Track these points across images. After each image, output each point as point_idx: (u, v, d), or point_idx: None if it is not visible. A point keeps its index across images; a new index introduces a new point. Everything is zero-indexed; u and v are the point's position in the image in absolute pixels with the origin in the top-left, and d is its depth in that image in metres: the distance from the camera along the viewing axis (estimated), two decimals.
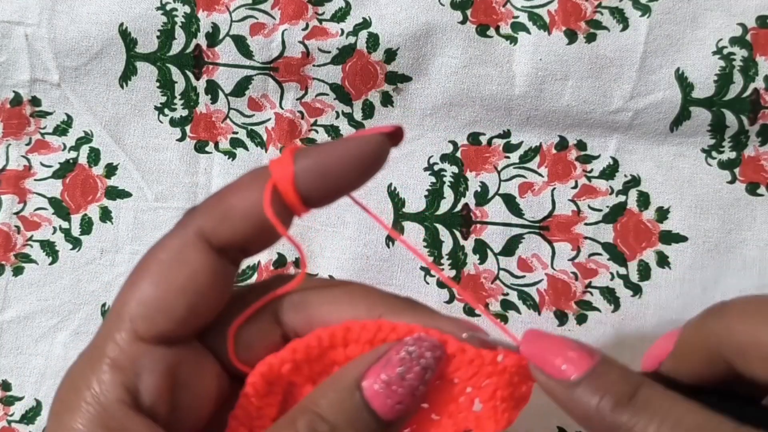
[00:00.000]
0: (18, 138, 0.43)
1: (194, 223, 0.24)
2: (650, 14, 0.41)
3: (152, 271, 0.23)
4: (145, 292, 0.23)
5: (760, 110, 0.40)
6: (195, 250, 0.23)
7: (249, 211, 0.23)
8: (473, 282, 0.42)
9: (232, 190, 0.24)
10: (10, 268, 0.43)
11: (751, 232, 0.41)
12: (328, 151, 0.24)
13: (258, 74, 0.42)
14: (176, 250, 0.23)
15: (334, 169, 0.23)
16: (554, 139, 0.42)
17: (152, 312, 0.23)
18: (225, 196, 0.24)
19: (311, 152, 0.24)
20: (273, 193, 0.23)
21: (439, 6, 0.41)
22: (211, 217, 0.23)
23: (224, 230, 0.23)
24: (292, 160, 0.23)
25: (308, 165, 0.23)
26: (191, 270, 0.23)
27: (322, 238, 0.42)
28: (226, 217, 0.23)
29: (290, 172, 0.23)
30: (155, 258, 0.24)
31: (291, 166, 0.23)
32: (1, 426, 0.42)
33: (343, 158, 0.23)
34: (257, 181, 0.23)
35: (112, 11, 0.42)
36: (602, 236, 0.42)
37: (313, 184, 0.23)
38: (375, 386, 0.23)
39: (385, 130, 0.24)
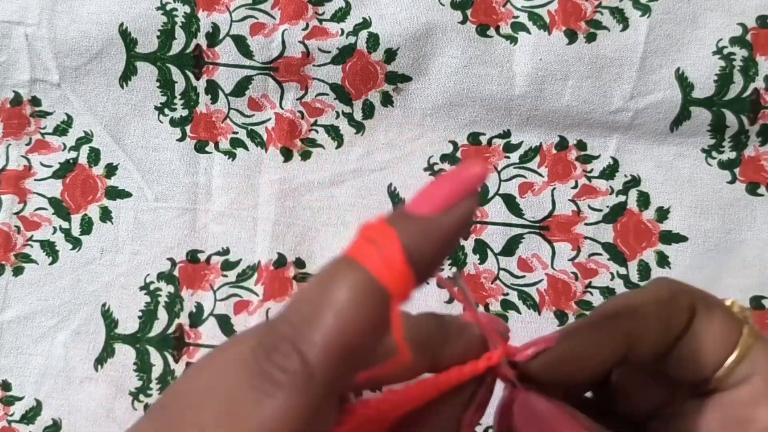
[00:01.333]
0: (18, 138, 0.43)
1: (318, 379, 0.18)
2: (650, 14, 0.41)
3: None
4: None
5: (760, 110, 0.40)
6: (330, 411, 0.20)
7: (375, 344, 0.19)
8: (473, 282, 0.42)
9: (344, 316, 0.18)
10: (10, 268, 0.43)
11: (751, 232, 0.41)
12: (435, 236, 0.19)
13: (258, 74, 0.42)
14: (306, 423, 0.18)
15: (443, 254, 0.20)
16: (554, 139, 0.42)
17: None
18: (342, 329, 0.18)
19: (420, 240, 0.19)
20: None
21: (439, 6, 0.41)
22: (340, 368, 0.18)
23: (353, 374, 0.19)
24: (405, 262, 0.18)
25: (421, 260, 0.19)
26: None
27: (323, 238, 0.42)
28: (354, 362, 0.19)
29: (411, 282, 0.19)
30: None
31: (409, 273, 0.18)
32: (1, 426, 0.42)
33: (453, 239, 0.20)
34: (372, 298, 0.18)
35: (112, 11, 0.42)
36: (602, 236, 0.42)
37: (425, 277, 0.19)
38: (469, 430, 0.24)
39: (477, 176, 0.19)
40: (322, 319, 0.18)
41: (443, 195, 0.19)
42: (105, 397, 0.41)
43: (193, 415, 0.19)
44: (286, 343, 0.18)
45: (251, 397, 0.18)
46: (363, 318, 0.18)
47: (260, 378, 0.18)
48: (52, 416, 0.42)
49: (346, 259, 0.19)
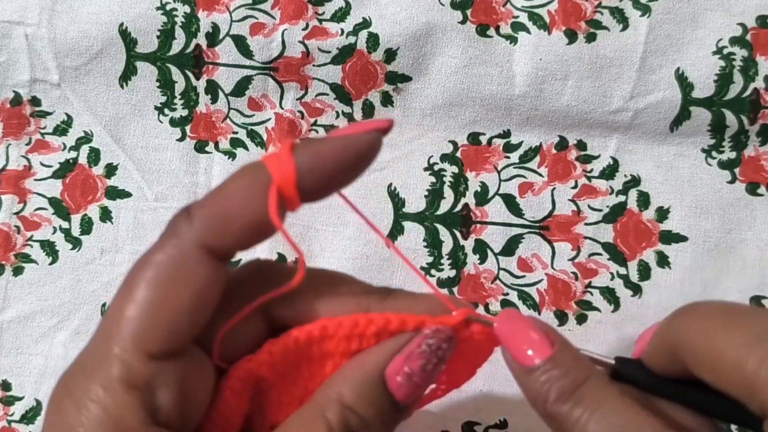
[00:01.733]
0: (18, 138, 0.43)
1: (193, 231, 0.23)
2: (650, 14, 0.41)
3: (154, 285, 0.22)
4: (150, 309, 0.22)
5: (760, 110, 0.40)
6: (198, 264, 0.22)
7: (252, 217, 0.22)
8: (473, 282, 0.42)
9: (229, 192, 0.23)
10: (10, 268, 0.43)
11: (751, 232, 0.41)
12: (326, 147, 0.23)
13: (258, 74, 0.42)
14: (178, 263, 0.22)
15: (332, 166, 0.23)
16: (554, 139, 0.42)
17: (160, 328, 0.22)
18: (223, 201, 0.23)
19: (309, 149, 0.23)
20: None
21: (439, 6, 0.41)
22: (211, 226, 0.23)
23: (227, 238, 0.23)
24: (292, 157, 0.23)
25: (307, 163, 0.23)
26: (196, 284, 0.22)
27: (323, 238, 0.42)
28: (227, 225, 0.22)
29: (291, 170, 0.22)
30: (156, 271, 0.23)
31: (292, 164, 0.22)
32: (1, 426, 0.42)
33: (341, 154, 0.23)
34: (256, 181, 0.23)
35: (112, 11, 0.42)
36: (602, 236, 0.42)
37: (312, 182, 0.23)
38: (398, 378, 0.24)
39: (380, 125, 0.24)
40: (212, 190, 0.23)
41: (348, 129, 0.24)
42: None
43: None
44: (185, 208, 0.23)
45: (155, 247, 0.23)
46: (240, 187, 0.23)
47: (163, 236, 0.23)
48: None
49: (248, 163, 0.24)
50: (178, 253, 0.22)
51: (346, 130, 0.24)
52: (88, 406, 0.21)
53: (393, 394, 0.24)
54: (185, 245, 0.23)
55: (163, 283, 0.22)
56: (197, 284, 0.22)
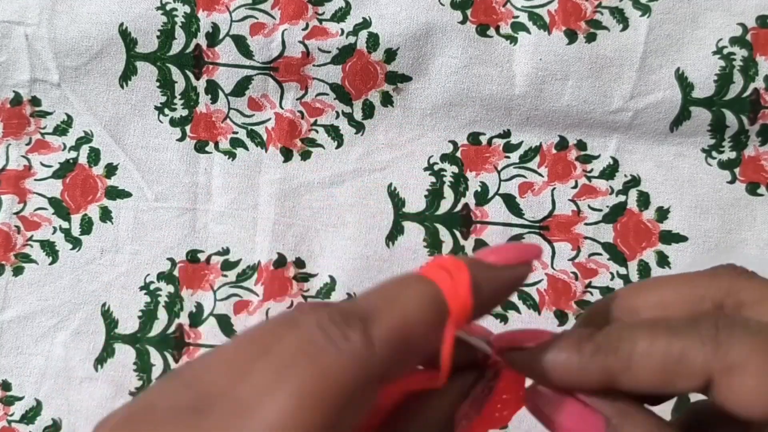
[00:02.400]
0: (18, 138, 0.43)
1: (376, 357, 0.19)
2: (650, 14, 0.41)
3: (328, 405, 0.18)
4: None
5: (760, 110, 0.40)
6: (374, 395, 0.19)
7: (426, 350, 0.20)
8: None
9: (408, 317, 0.20)
10: (10, 268, 0.43)
11: (751, 232, 0.41)
12: (497, 285, 0.22)
13: (258, 74, 0.42)
14: (356, 390, 0.18)
15: (496, 300, 0.23)
16: (554, 139, 0.42)
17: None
18: (405, 328, 0.20)
19: (486, 286, 0.21)
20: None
21: (439, 6, 0.41)
22: (397, 355, 0.19)
23: (398, 374, 0.20)
24: (471, 295, 0.21)
25: (482, 300, 0.21)
26: (363, 412, 0.19)
27: (323, 238, 0.42)
28: (408, 355, 0.20)
29: (469, 308, 0.21)
30: (333, 389, 0.18)
31: (470, 302, 0.21)
32: (1, 426, 0.42)
33: (509, 291, 0.23)
34: (436, 312, 0.20)
35: (112, 11, 0.42)
36: (602, 236, 0.42)
37: (476, 316, 0.22)
38: (463, 422, 0.24)
39: (535, 256, 0.23)
40: (391, 309, 0.20)
41: (509, 254, 0.23)
42: (105, 397, 0.41)
43: (226, 376, 0.19)
44: (354, 317, 0.19)
45: (310, 354, 0.18)
46: (424, 321, 0.20)
47: (322, 339, 0.18)
48: (52, 416, 0.42)
49: (418, 275, 0.21)
50: (359, 377, 0.18)
51: (507, 254, 0.23)
52: None
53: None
54: (368, 371, 0.19)
55: (337, 405, 0.18)
56: (364, 413, 0.19)
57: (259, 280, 0.42)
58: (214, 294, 0.42)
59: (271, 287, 0.42)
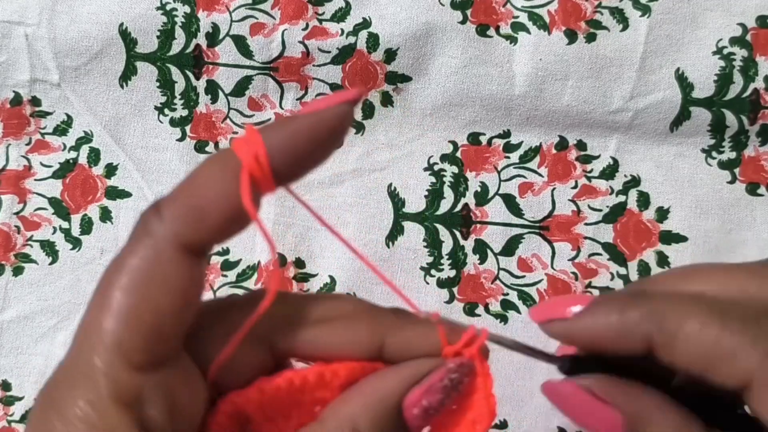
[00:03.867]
0: (18, 138, 0.43)
1: (165, 229, 0.21)
2: (650, 14, 0.41)
3: (131, 291, 0.21)
4: (130, 318, 0.20)
5: (760, 110, 0.40)
6: (175, 263, 0.21)
7: (226, 207, 0.21)
8: (473, 282, 0.42)
9: (199, 183, 0.21)
10: (10, 268, 0.43)
11: (751, 232, 0.41)
12: (295, 125, 0.22)
13: (258, 74, 0.42)
14: (153, 265, 0.21)
15: (303, 143, 0.22)
16: (554, 139, 0.42)
17: (144, 338, 0.20)
18: (194, 192, 0.21)
19: (277, 129, 0.22)
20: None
21: (439, 6, 0.41)
22: (185, 222, 0.21)
23: (202, 232, 0.21)
24: (260, 139, 0.21)
25: (277, 143, 0.21)
26: (175, 285, 0.21)
27: (322, 238, 0.42)
28: (201, 219, 0.21)
29: (262, 152, 0.21)
30: (130, 276, 0.21)
31: (262, 146, 0.21)
32: (1, 426, 0.42)
33: (312, 130, 0.22)
34: (226, 168, 0.21)
35: (112, 11, 0.42)
36: (602, 236, 0.42)
37: (284, 162, 0.21)
38: (414, 411, 0.23)
39: (348, 97, 0.22)
40: (181, 183, 0.22)
41: (315, 104, 0.23)
42: None
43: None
44: (154, 205, 0.22)
45: (126, 249, 0.22)
46: (211, 179, 0.21)
47: (133, 242, 0.22)
48: None
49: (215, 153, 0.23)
50: (152, 255, 0.21)
51: (315, 105, 0.22)
52: (75, 424, 0.20)
53: (407, 426, 0.23)
54: (159, 245, 0.21)
55: (140, 288, 0.21)
56: (176, 286, 0.21)
57: (259, 280, 0.42)
58: (214, 294, 0.42)
59: None
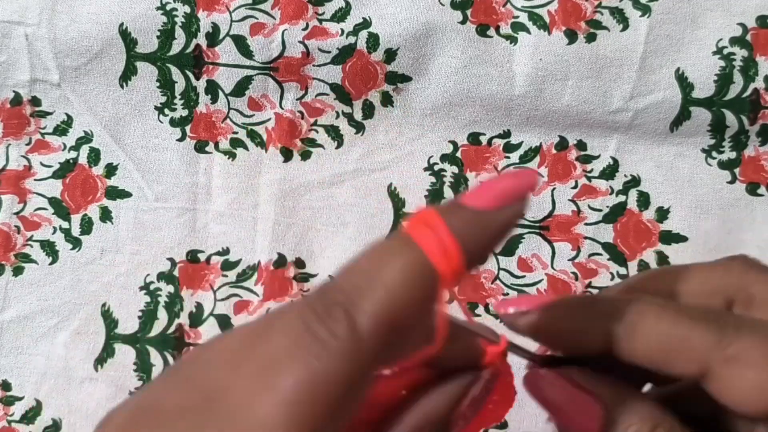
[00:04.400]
0: (18, 138, 0.43)
1: (367, 347, 0.18)
2: (650, 14, 0.41)
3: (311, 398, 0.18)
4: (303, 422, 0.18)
5: (760, 110, 0.40)
6: (367, 384, 0.19)
7: (414, 319, 0.19)
8: (473, 282, 0.42)
9: (395, 293, 0.18)
10: (10, 268, 0.43)
11: (751, 232, 0.41)
12: (490, 231, 0.20)
13: (258, 74, 0.42)
14: (349, 384, 0.18)
15: (492, 247, 0.20)
16: (554, 139, 0.42)
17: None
18: (391, 306, 0.18)
19: (474, 232, 0.19)
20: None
21: (439, 6, 0.41)
22: (385, 340, 0.18)
23: (390, 356, 0.20)
24: (460, 252, 0.19)
25: (473, 252, 0.19)
26: (359, 403, 0.19)
27: (323, 238, 0.42)
28: (399, 340, 0.19)
29: (461, 266, 0.19)
30: (316, 382, 0.18)
31: (460, 259, 0.19)
32: (1, 426, 0.42)
33: (504, 234, 0.20)
34: (423, 280, 0.19)
35: (112, 11, 0.42)
36: (602, 236, 0.42)
37: (471, 267, 0.20)
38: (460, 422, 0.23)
39: (530, 185, 0.21)
40: (375, 291, 0.18)
41: (497, 193, 0.20)
42: (105, 397, 0.41)
43: (223, 371, 0.19)
44: (338, 308, 0.18)
45: (298, 357, 0.18)
46: (413, 296, 0.19)
47: (308, 339, 0.18)
48: (52, 416, 0.42)
49: (402, 236, 0.19)
50: (352, 374, 0.18)
51: (498, 195, 0.20)
52: None
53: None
54: (360, 366, 0.18)
55: (333, 404, 0.18)
56: (359, 403, 0.19)
57: (259, 280, 0.42)
58: (214, 294, 0.42)
59: (271, 287, 0.42)
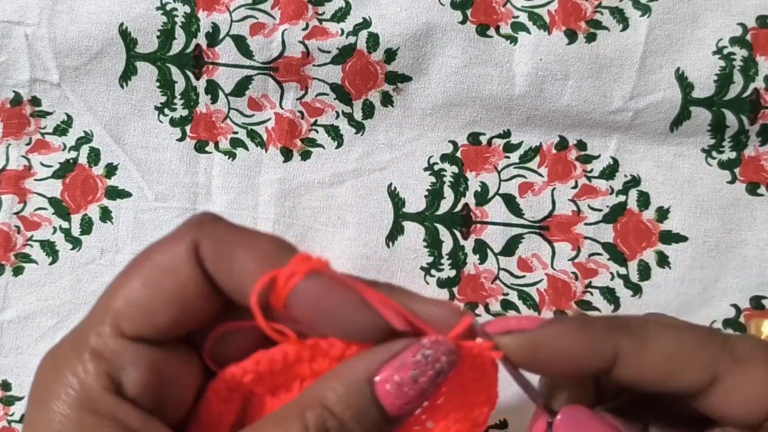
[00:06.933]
0: (18, 138, 0.43)
1: (192, 235, 0.24)
2: (650, 14, 0.41)
3: (144, 272, 0.24)
4: (133, 292, 0.24)
5: (760, 110, 0.40)
6: (187, 263, 0.24)
7: (244, 270, 0.24)
8: (473, 282, 0.42)
9: (243, 242, 0.24)
10: (10, 268, 0.43)
11: (751, 232, 0.41)
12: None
13: (258, 74, 0.42)
14: (170, 257, 0.24)
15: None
16: (554, 139, 0.42)
17: (136, 314, 0.24)
18: (235, 245, 0.24)
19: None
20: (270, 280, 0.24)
21: (439, 6, 0.41)
22: (210, 244, 0.24)
23: (219, 263, 0.24)
24: (304, 273, 0.25)
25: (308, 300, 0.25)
26: (180, 281, 0.24)
27: (323, 238, 0.42)
28: (224, 257, 0.24)
29: (293, 283, 0.24)
30: (150, 259, 0.24)
31: (300, 278, 0.24)
32: (1, 426, 0.42)
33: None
34: (273, 256, 0.24)
35: (112, 11, 0.42)
36: (602, 236, 0.42)
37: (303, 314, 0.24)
38: (387, 386, 0.23)
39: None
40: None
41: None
42: None
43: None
44: (206, 216, 0.27)
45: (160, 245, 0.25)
46: (264, 248, 0.25)
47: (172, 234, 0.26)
48: None
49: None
50: (174, 249, 0.24)
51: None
52: (64, 372, 0.23)
53: (381, 403, 0.23)
54: (182, 243, 0.24)
55: (153, 273, 0.24)
56: (181, 282, 0.24)
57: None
58: None
59: None
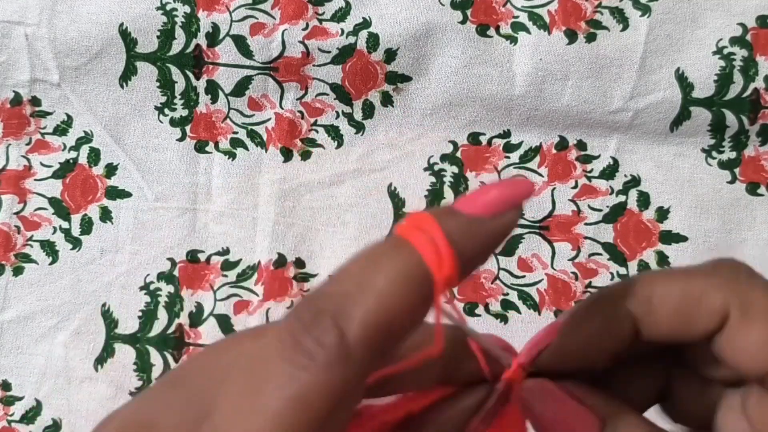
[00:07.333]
0: (18, 138, 0.43)
1: (355, 361, 0.18)
2: (650, 14, 0.41)
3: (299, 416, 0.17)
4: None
5: (760, 110, 0.40)
6: (358, 395, 0.20)
7: (410, 327, 0.18)
8: (473, 282, 0.42)
9: (386, 301, 0.18)
10: (10, 268, 0.43)
11: (751, 232, 0.41)
12: (484, 236, 0.19)
13: (258, 74, 0.42)
14: (335, 400, 0.18)
15: (486, 254, 0.20)
16: (554, 139, 0.42)
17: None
18: (383, 314, 0.18)
19: (468, 239, 0.19)
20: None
21: (439, 6, 0.41)
22: (378, 353, 0.18)
23: (383, 362, 0.20)
24: (453, 257, 0.18)
25: (468, 257, 0.19)
26: (349, 414, 0.19)
27: (323, 237, 0.42)
28: (392, 348, 0.18)
29: (454, 272, 0.18)
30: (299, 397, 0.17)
31: (453, 266, 0.18)
32: (1, 426, 0.42)
33: (498, 242, 0.20)
34: (416, 285, 0.18)
35: (112, 11, 0.42)
36: (602, 236, 0.42)
37: (465, 274, 0.19)
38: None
39: (525, 194, 0.20)
40: (365, 297, 0.17)
41: (491, 200, 0.20)
42: (105, 397, 0.41)
43: (214, 387, 0.18)
44: (326, 317, 0.17)
45: (283, 370, 0.17)
46: (405, 302, 0.18)
47: (295, 351, 0.17)
48: (52, 416, 0.42)
49: (395, 239, 0.19)
50: (341, 387, 0.17)
51: (492, 202, 0.20)
52: None
53: None
54: (350, 379, 0.17)
55: (320, 422, 0.17)
56: (350, 414, 0.19)
57: (259, 280, 0.42)
58: (214, 294, 0.42)
59: (271, 287, 0.42)
